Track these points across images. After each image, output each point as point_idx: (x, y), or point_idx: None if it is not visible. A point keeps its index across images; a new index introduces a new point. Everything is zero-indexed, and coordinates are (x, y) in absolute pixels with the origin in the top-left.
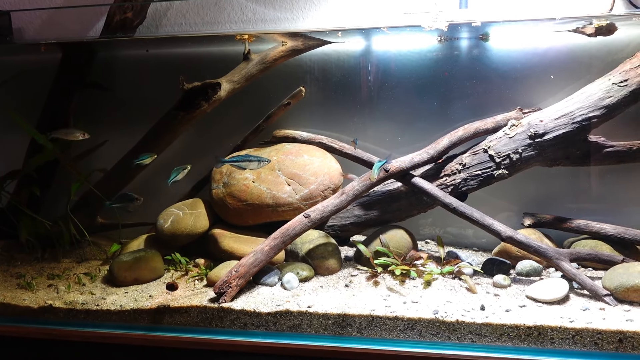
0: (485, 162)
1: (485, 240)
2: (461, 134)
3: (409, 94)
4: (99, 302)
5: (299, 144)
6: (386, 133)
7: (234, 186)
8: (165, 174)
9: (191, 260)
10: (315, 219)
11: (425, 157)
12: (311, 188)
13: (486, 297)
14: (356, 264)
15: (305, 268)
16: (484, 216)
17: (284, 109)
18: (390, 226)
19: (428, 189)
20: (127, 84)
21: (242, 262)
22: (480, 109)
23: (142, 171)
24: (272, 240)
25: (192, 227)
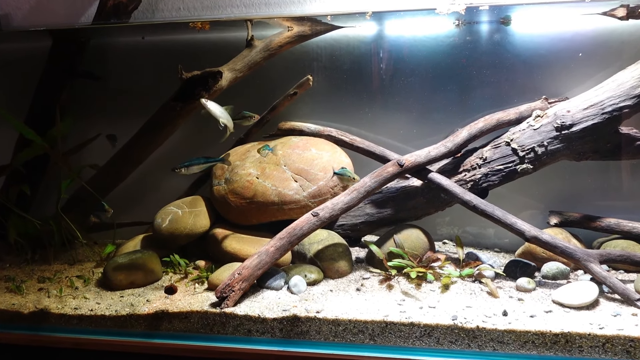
0: (507, 156)
1: (507, 241)
2: (481, 125)
3: (424, 82)
4: (92, 307)
5: (306, 137)
6: (400, 125)
7: (237, 182)
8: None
9: (191, 262)
10: (324, 218)
11: (443, 150)
12: (320, 184)
13: (509, 302)
14: (368, 266)
15: (313, 270)
16: (507, 214)
17: (290, 100)
18: (405, 225)
19: (446, 185)
20: (122, 74)
21: (245, 264)
22: (502, 98)
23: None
24: (278, 241)
25: (191, 227)
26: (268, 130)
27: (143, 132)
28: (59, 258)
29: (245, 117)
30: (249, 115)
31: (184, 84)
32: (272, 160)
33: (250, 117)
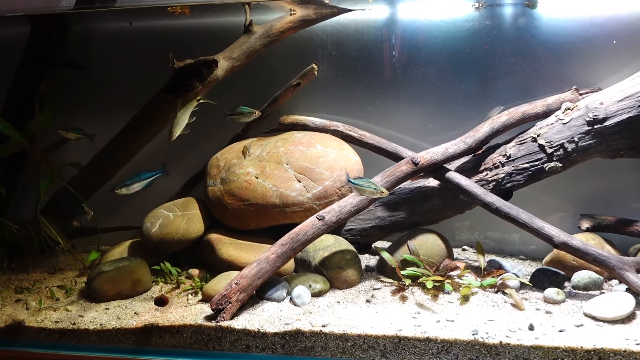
0: (534, 153)
1: (534, 247)
2: (505, 119)
3: (441, 71)
4: (75, 320)
5: (311, 132)
6: (414, 119)
7: (234, 183)
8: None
9: (183, 270)
10: (331, 222)
11: (462, 147)
12: (325, 185)
13: (536, 315)
14: (379, 276)
15: (318, 280)
16: (533, 218)
17: (293, 91)
18: (420, 230)
19: (465, 185)
20: (107, 63)
21: (243, 273)
22: (527, 89)
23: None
24: (280, 247)
25: (184, 232)
26: (268, 125)
27: (130, 127)
28: (38, 266)
29: (243, 113)
30: (248, 111)
31: (176, 74)
32: (273, 158)
33: (250, 113)
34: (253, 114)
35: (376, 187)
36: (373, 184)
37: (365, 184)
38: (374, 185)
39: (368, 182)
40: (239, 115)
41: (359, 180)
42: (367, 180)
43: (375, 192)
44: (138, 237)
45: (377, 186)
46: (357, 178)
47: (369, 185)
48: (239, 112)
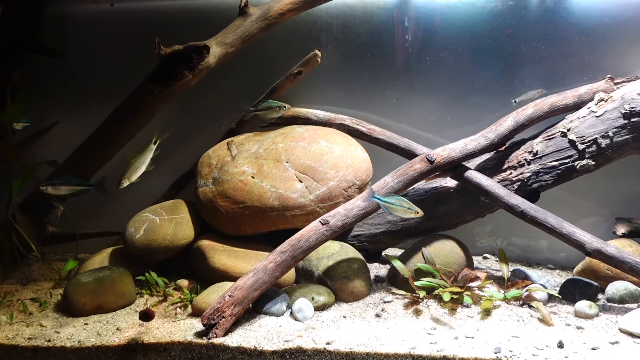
0: (563, 150)
1: (564, 255)
2: (531, 112)
3: (460, 59)
4: (50, 336)
5: (314, 127)
6: (430, 111)
7: (228, 183)
8: None
9: (171, 281)
10: (336, 227)
11: (483, 143)
12: (330, 185)
13: (566, 331)
14: (390, 287)
15: (322, 292)
16: (562, 222)
17: (294, 80)
18: (436, 236)
19: (487, 186)
20: (87, 49)
21: (238, 285)
22: (556, 78)
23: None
24: (279, 255)
25: (172, 238)
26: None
27: (112, 120)
28: (9, 276)
29: (271, 107)
30: (277, 105)
31: (163, 62)
32: (271, 155)
33: (280, 107)
34: (282, 109)
35: (410, 206)
36: (405, 202)
37: (396, 201)
38: (407, 204)
39: (399, 199)
40: (266, 110)
41: (388, 198)
42: (397, 198)
43: (408, 212)
44: (120, 244)
45: (410, 204)
46: (387, 195)
47: (401, 204)
48: (266, 106)
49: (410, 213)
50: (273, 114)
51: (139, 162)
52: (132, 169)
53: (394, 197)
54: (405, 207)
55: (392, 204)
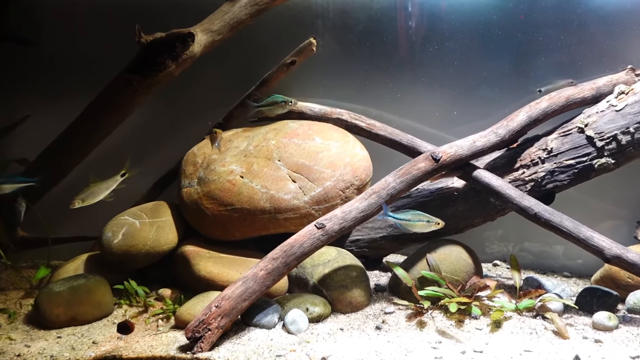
0: (581, 147)
1: (581, 262)
2: (545, 105)
3: (468, 47)
4: (20, 351)
5: (308, 122)
6: (435, 105)
7: (214, 183)
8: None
9: (152, 290)
10: (333, 231)
11: (493, 139)
12: (326, 186)
13: (583, 345)
14: (392, 297)
15: (317, 302)
16: (580, 226)
17: (287, 71)
18: (442, 241)
19: (497, 186)
20: (60, 37)
21: (226, 294)
22: (572, 68)
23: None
24: (270, 262)
25: (153, 243)
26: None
27: (88, 114)
28: None
29: (276, 102)
30: (282, 100)
31: (143, 51)
32: (262, 153)
33: (286, 102)
34: (289, 104)
35: (429, 218)
36: (423, 215)
37: (413, 217)
38: (425, 217)
39: (416, 214)
40: (272, 106)
41: (403, 214)
42: (413, 213)
43: (429, 225)
44: (97, 250)
45: (429, 217)
46: (401, 211)
47: (420, 219)
48: (272, 102)
49: (431, 226)
50: (278, 110)
51: (99, 188)
52: (89, 192)
53: (410, 212)
54: (424, 221)
55: (409, 220)
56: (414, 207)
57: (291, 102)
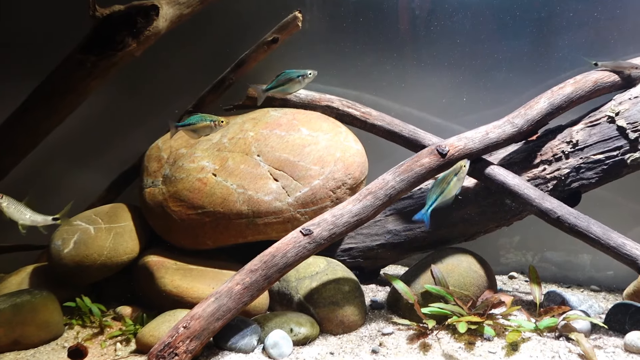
0: (611, 139)
1: (611, 274)
2: (570, 90)
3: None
4: None
5: (293, 110)
6: (441, 90)
7: (182, 182)
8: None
9: (109, 308)
10: (322, 238)
11: (509, 130)
12: (313, 185)
13: None
14: (391, 315)
15: (304, 322)
16: (610, 232)
17: (268, 50)
18: (449, 250)
19: (514, 185)
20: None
21: (195, 313)
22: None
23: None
24: (248, 275)
25: (110, 253)
26: (232, 99)
27: (34, 101)
28: None
29: (292, 79)
30: (299, 74)
31: (99, 27)
32: (238, 147)
33: (304, 76)
34: (307, 77)
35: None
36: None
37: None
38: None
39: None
40: (285, 85)
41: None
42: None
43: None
44: (44, 261)
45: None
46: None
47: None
48: (285, 78)
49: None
50: (295, 87)
51: (24, 212)
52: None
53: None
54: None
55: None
56: (416, 210)
57: (309, 74)
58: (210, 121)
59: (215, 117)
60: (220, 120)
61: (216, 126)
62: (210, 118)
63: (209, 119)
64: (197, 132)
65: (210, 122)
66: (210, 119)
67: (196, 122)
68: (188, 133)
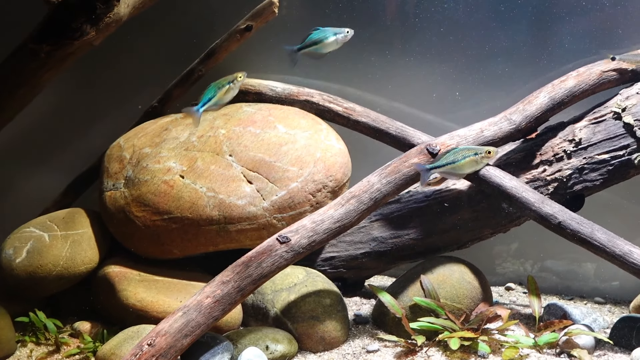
0: (617, 138)
1: (617, 284)
2: (572, 84)
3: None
4: None
5: (268, 105)
6: (432, 84)
7: (147, 185)
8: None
9: (66, 324)
10: (300, 247)
11: (506, 128)
12: (291, 188)
13: None
14: (376, 330)
15: (280, 338)
16: (616, 239)
17: (240, 39)
18: (440, 259)
19: (511, 188)
20: None
21: (161, 329)
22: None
23: None
24: (219, 287)
25: (67, 263)
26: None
27: None
28: None
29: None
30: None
31: (54, 13)
32: (208, 146)
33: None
34: (345, 34)
35: (476, 150)
36: (471, 149)
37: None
38: (472, 150)
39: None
40: (319, 44)
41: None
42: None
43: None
44: None
45: (477, 148)
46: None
47: (465, 154)
48: (319, 38)
49: (483, 160)
50: (330, 47)
51: None
52: None
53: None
54: (470, 156)
55: (453, 162)
56: (403, 215)
57: (347, 32)
58: (228, 83)
59: (229, 77)
60: (239, 76)
61: (235, 83)
62: (226, 81)
63: (226, 82)
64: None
65: (228, 85)
66: (227, 81)
67: (216, 94)
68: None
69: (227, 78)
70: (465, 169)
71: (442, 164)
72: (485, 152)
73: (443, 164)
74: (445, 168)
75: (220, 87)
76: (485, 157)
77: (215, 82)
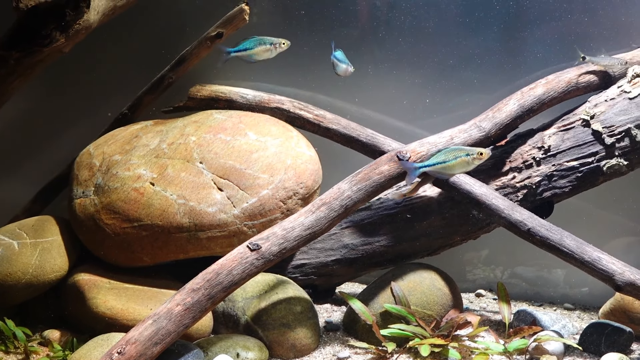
0: (586, 145)
1: (586, 290)
2: (541, 92)
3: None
4: None
5: (239, 112)
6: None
7: (116, 192)
8: None
9: (35, 332)
10: (271, 254)
11: (476, 135)
12: (262, 195)
13: None
14: (347, 337)
15: (251, 346)
16: (584, 246)
17: (210, 46)
18: (410, 266)
19: (480, 195)
20: None
21: (131, 337)
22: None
23: None
24: (190, 295)
25: (36, 271)
26: (172, 100)
27: None
28: None
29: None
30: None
31: (23, 20)
32: (178, 153)
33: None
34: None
35: (468, 150)
36: (459, 149)
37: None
38: (462, 151)
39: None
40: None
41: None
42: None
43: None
44: None
45: (469, 149)
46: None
47: (457, 155)
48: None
49: (474, 161)
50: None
51: None
52: None
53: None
54: (462, 156)
55: (444, 162)
56: (374, 222)
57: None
58: (270, 44)
59: (274, 39)
60: (282, 42)
61: (276, 49)
62: (269, 40)
63: (269, 41)
64: (254, 58)
65: (270, 46)
66: (270, 41)
67: (253, 46)
68: (244, 59)
69: (272, 39)
70: (456, 169)
71: (432, 164)
72: (477, 153)
73: (433, 163)
74: (435, 167)
75: (262, 43)
76: (477, 159)
77: (260, 37)
